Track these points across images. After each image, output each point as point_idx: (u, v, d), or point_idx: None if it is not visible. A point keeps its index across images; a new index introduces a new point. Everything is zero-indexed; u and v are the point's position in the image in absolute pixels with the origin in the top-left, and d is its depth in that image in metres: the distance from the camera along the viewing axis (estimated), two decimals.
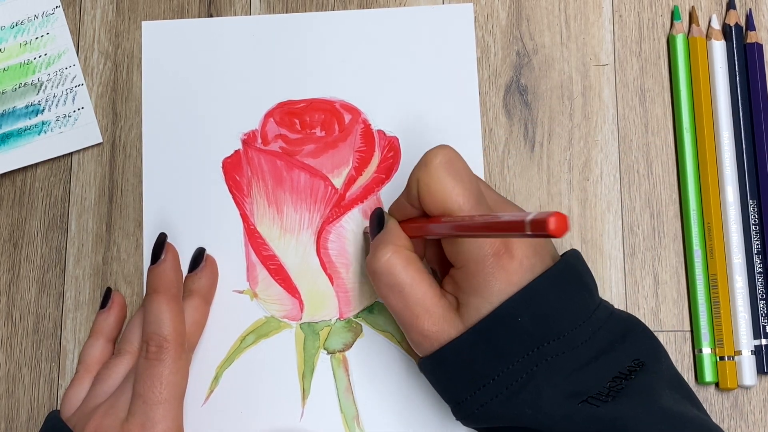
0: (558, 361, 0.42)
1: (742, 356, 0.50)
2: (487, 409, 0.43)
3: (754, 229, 0.52)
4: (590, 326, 0.43)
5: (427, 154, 0.43)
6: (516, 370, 0.42)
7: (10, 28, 0.55)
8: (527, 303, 0.42)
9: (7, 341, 0.53)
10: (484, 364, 0.42)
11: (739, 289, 0.51)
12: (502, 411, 0.42)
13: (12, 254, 0.53)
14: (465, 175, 0.43)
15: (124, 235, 0.53)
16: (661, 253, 0.52)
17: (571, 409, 0.41)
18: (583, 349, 0.42)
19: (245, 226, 0.53)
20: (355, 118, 0.54)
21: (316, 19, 0.55)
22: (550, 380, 0.42)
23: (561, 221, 0.33)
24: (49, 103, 0.54)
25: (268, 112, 0.54)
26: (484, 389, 0.42)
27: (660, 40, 0.55)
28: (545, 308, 0.42)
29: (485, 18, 0.55)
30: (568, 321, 0.43)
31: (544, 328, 0.42)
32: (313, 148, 0.53)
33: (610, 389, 0.42)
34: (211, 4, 0.56)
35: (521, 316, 0.42)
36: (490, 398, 0.42)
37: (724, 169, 0.52)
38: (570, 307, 0.43)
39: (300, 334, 0.52)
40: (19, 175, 0.54)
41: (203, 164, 0.53)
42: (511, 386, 0.42)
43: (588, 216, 0.53)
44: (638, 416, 0.41)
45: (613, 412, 0.41)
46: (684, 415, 0.42)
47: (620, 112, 0.54)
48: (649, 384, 0.42)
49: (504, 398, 0.42)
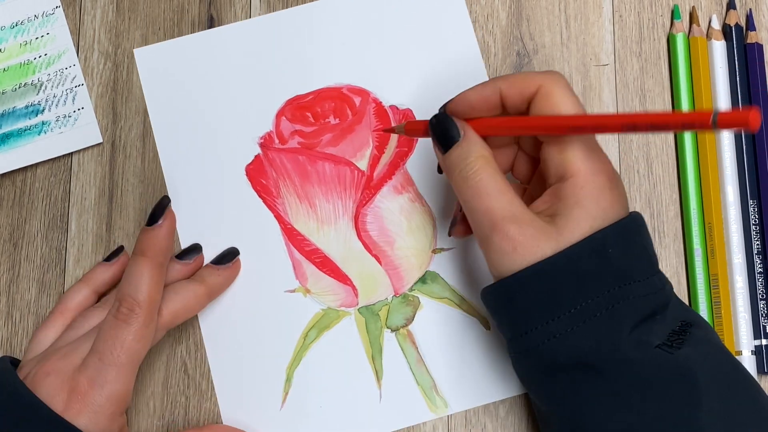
0: (637, 302, 0.41)
1: (742, 356, 0.50)
2: (558, 341, 0.41)
3: (754, 229, 0.52)
4: (659, 279, 0.43)
5: (551, 72, 0.44)
6: (599, 303, 0.41)
7: (10, 28, 0.55)
8: (620, 237, 0.42)
9: (7, 341, 0.53)
10: (566, 292, 0.41)
11: (740, 289, 0.51)
12: (570, 342, 0.41)
13: (12, 254, 0.53)
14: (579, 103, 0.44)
15: (124, 235, 0.53)
16: (661, 253, 0.52)
17: (648, 353, 0.41)
18: (658, 297, 0.42)
19: (282, 227, 0.53)
20: (365, 99, 0.54)
21: (306, 12, 0.55)
22: (631, 319, 0.41)
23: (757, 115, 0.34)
24: (49, 103, 0.54)
25: (279, 111, 0.54)
26: (560, 319, 0.41)
27: (660, 40, 0.55)
28: (632, 248, 0.43)
29: (485, 18, 0.55)
30: (647, 266, 0.43)
31: (630, 266, 0.42)
32: (331, 136, 0.53)
33: (677, 336, 0.42)
34: (211, 4, 0.56)
35: (613, 248, 0.41)
36: (566, 329, 0.41)
37: (724, 169, 0.52)
38: (647, 256, 0.43)
39: (360, 319, 0.52)
40: (19, 175, 0.54)
41: (227, 175, 0.53)
42: (592, 319, 0.41)
43: None
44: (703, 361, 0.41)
45: (685, 359, 0.41)
46: (738, 362, 0.43)
47: (620, 112, 0.54)
48: (705, 336, 0.43)
49: (582, 332, 0.41)
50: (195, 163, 0.53)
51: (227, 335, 0.52)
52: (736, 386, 0.42)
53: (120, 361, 0.44)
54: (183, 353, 0.52)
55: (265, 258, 0.52)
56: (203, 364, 0.52)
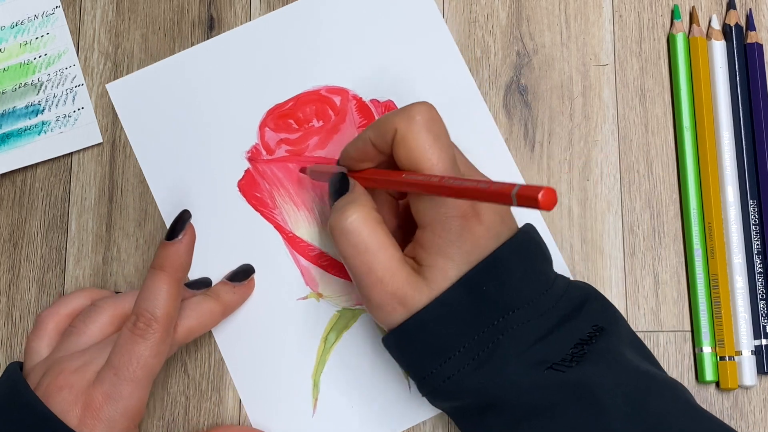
0: (523, 329, 0.42)
1: (742, 356, 0.50)
2: (454, 382, 0.42)
3: (754, 229, 0.52)
4: (552, 295, 0.43)
5: (411, 107, 0.43)
6: (482, 340, 0.42)
7: (10, 28, 0.55)
8: (493, 272, 0.42)
9: (7, 341, 0.53)
10: (450, 335, 0.42)
11: (740, 289, 0.51)
12: (468, 383, 0.42)
13: (12, 254, 0.53)
14: (443, 137, 0.43)
15: (124, 235, 0.53)
16: (661, 253, 0.52)
17: (538, 376, 0.41)
18: (546, 318, 0.42)
19: (284, 237, 0.53)
20: (345, 97, 0.54)
21: (272, 20, 0.55)
22: (516, 349, 0.42)
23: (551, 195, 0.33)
24: (49, 103, 0.54)
25: (262, 123, 0.54)
26: (450, 360, 0.42)
27: (660, 40, 0.55)
28: (510, 277, 0.42)
29: (485, 18, 0.55)
30: (531, 289, 0.43)
31: (509, 296, 0.42)
32: (318, 139, 0.53)
33: (573, 355, 0.42)
34: (211, 4, 0.56)
35: (486, 285, 0.42)
36: (457, 370, 0.42)
37: (724, 169, 0.52)
38: (533, 276, 0.43)
39: None
40: (19, 175, 0.54)
41: (220, 195, 0.53)
42: (478, 356, 0.42)
43: (588, 216, 0.53)
44: (602, 377, 0.41)
45: (578, 376, 0.41)
46: (646, 371, 0.43)
47: (620, 112, 0.54)
48: (609, 346, 0.43)
49: (471, 369, 0.42)
50: (186, 187, 0.53)
51: (247, 351, 0.51)
52: (641, 399, 0.41)
53: (136, 377, 0.44)
54: (183, 353, 0.52)
55: (272, 270, 0.52)
56: (203, 364, 0.52)
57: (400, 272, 0.43)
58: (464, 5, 0.55)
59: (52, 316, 0.48)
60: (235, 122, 0.54)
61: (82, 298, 0.49)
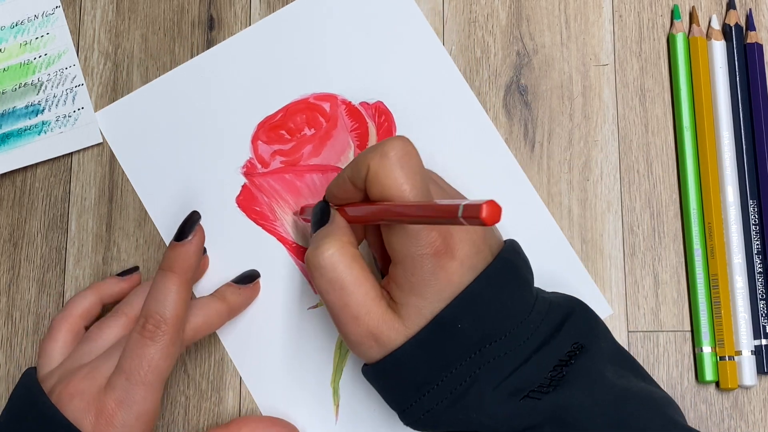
0: (500, 361, 0.42)
1: (742, 356, 0.50)
2: (433, 415, 0.42)
3: (754, 229, 0.52)
4: (531, 322, 0.43)
5: (385, 143, 0.42)
6: (458, 375, 0.42)
7: (10, 28, 0.55)
8: (467, 308, 0.41)
9: (7, 341, 0.53)
10: (426, 371, 0.42)
11: (740, 289, 0.51)
12: (447, 416, 0.42)
13: (12, 254, 0.53)
14: (417, 172, 0.42)
15: (124, 235, 0.53)
16: (661, 253, 0.52)
17: (513, 406, 0.41)
18: (525, 346, 0.42)
19: (287, 248, 0.52)
20: (334, 103, 0.54)
21: (254, 33, 0.55)
22: (493, 381, 0.41)
23: (494, 209, 0.33)
24: (49, 103, 0.54)
25: (254, 137, 0.54)
26: (428, 395, 0.42)
27: (660, 40, 0.55)
28: (485, 311, 0.42)
29: (485, 18, 0.55)
30: (508, 320, 0.42)
31: (485, 330, 0.42)
32: (311, 147, 0.53)
33: (552, 379, 0.41)
34: (211, 4, 0.56)
35: (461, 321, 0.41)
36: (435, 404, 0.42)
37: (724, 169, 0.52)
38: (510, 306, 0.42)
39: None
40: (19, 175, 0.54)
41: (219, 213, 0.53)
42: (455, 391, 0.42)
43: (588, 216, 0.53)
44: (579, 400, 0.41)
45: (555, 401, 0.41)
46: (627, 389, 0.42)
47: (620, 112, 0.54)
48: (589, 365, 0.42)
49: (448, 403, 0.42)
50: (184, 208, 0.53)
51: (263, 366, 0.51)
52: (621, 419, 0.41)
53: (147, 380, 0.44)
54: (183, 353, 0.52)
55: (279, 282, 0.52)
56: (203, 364, 0.52)
57: (376, 309, 0.42)
58: (464, 5, 0.55)
59: (66, 318, 0.48)
60: (227, 139, 0.54)
61: (91, 297, 0.49)
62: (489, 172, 0.53)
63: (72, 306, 0.49)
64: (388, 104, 0.54)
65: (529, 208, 0.52)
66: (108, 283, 0.50)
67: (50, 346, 0.47)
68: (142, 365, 0.44)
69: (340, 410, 0.51)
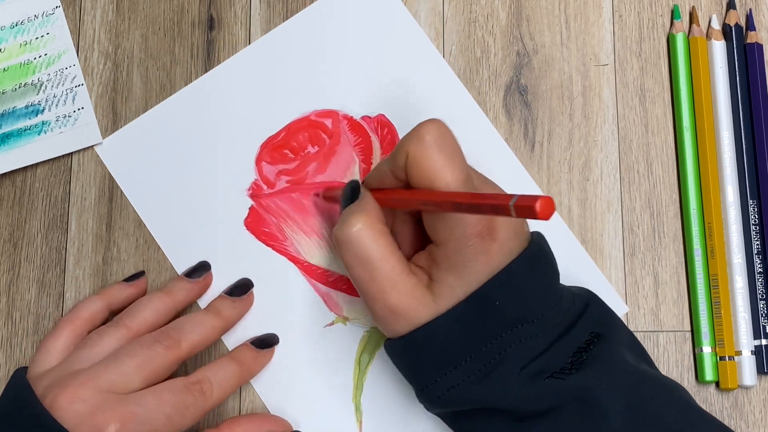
0: (530, 342, 0.42)
1: (742, 356, 0.50)
2: (457, 391, 0.42)
3: (754, 229, 0.52)
4: (561, 308, 0.43)
5: (420, 127, 0.42)
6: (490, 351, 0.42)
7: (10, 28, 0.55)
8: (505, 286, 0.42)
9: (7, 341, 0.53)
10: (459, 346, 0.42)
11: (739, 289, 0.51)
12: (471, 392, 0.42)
13: (12, 254, 0.53)
14: (456, 154, 0.42)
15: (124, 235, 0.53)
16: (661, 253, 0.52)
17: (539, 386, 0.42)
18: (554, 331, 0.43)
19: (299, 267, 0.52)
20: (335, 118, 0.54)
21: (252, 53, 0.55)
22: (521, 361, 0.42)
23: (548, 204, 0.33)
24: (49, 103, 0.54)
25: (258, 158, 0.53)
26: (455, 371, 0.42)
27: (660, 40, 0.55)
28: (521, 291, 0.42)
29: (485, 18, 0.55)
30: (543, 303, 0.43)
31: (520, 310, 0.42)
32: (316, 165, 0.53)
33: (572, 363, 0.42)
34: (211, 4, 0.56)
35: (498, 299, 0.42)
36: (461, 380, 0.42)
37: (724, 169, 0.52)
38: (543, 291, 0.43)
39: None
40: (19, 175, 0.54)
41: (228, 237, 0.52)
42: (484, 368, 0.42)
43: (588, 216, 0.53)
44: (600, 382, 0.42)
45: (577, 382, 0.42)
46: (644, 373, 0.43)
47: (620, 112, 0.54)
48: (607, 351, 0.43)
49: (475, 379, 0.42)
50: (193, 235, 0.53)
51: (283, 386, 0.51)
52: (640, 401, 0.42)
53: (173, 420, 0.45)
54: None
55: (293, 302, 0.52)
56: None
57: (403, 284, 0.42)
58: (464, 5, 0.55)
59: (72, 321, 0.48)
60: (231, 162, 0.53)
61: (99, 302, 0.49)
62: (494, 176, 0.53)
63: (80, 309, 0.49)
64: (389, 116, 0.54)
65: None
66: (115, 289, 0.50)
67: (52, 344, 0.47)
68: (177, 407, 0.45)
69: (363, 427, 0.51)
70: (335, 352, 0.51)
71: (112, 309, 0.50)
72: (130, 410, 0.43)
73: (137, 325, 0.48)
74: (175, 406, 0.44)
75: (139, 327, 0.48)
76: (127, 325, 0.47)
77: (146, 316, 0.48)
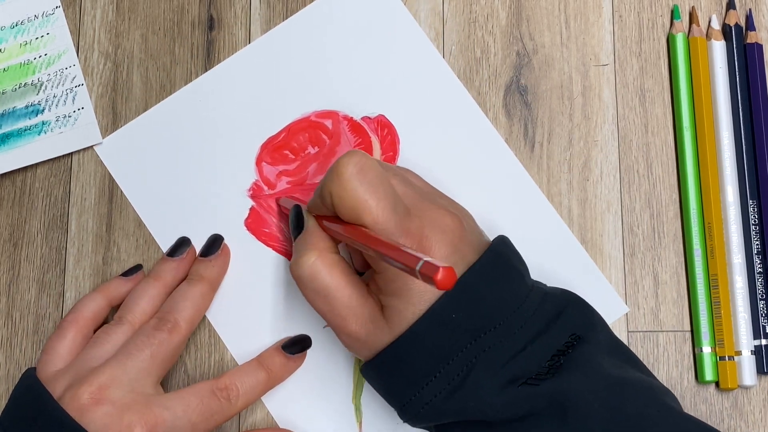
0: (496, 350, 0.42)
1: (742, 356, 0.50)
2: (432, 407, 0.43)
3: (754, 229, 0.52)
4: (525, 311, 0.43)
5: (338, 164, 0.42)
6: (455, 365, 0.42)
7: (10, 28, 0.55)
8: (458, 299, 0.42)
9: (7, 341, 0.53)
10: (423, 364, 0.42)
11: (739, 289, 0.51)
12: (446, 407, 0.42)
13: (12, 254, 0.53)
14: (379, 183, 0.42)
15: (124, 235, 0.53)
16: (661, 253, 0.53)
17: (512, 393, 0.41)
18: (520, 335, 0.43)
19: None
20: (336, 119, 0.54)
21: (251, 53, 0.54)
22: (490, 370, 0.42)
23: (449, 276, 0.34)
24: (49, 103, 0.54)
25: (258, 159, 0.53)
26: (426, 388, 0.42)
27: (660, 40, 0.55)
28: (477, 301, 0.42)
29: (485, 18, 0.55)
30: (502, 309, 0.43)
31: (479, 320, 0.42)
32: (316, 165, 0.53)
33: (549, 367, 0.42)
34: (211, 4, 0.56)
35: (455, 312, 0.42)
36: (433, 396, 0.42)
37: (724, 169, 0.52)
38: (502, 296, 0.43)
39: None
40: (19, 175, 0.54)
41: (228, 237, 0.52)
42: (452, 381, 0.42)
43: (588, 216, 0.53)
44: (577, 386, 0.41)
45: (553, 387, 0.41)
46: (624, 378, 0.43)
47: (620, 112, 0.54)
48: (586, 355, 0.43)
49: (446, 394, 0.42)
50: (194, 236, 0.52)
51: (283, 386, 0.51)
52: (619, 403, 0.41)
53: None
54: (183, 353, 0.52)
55: (293, 302, 0.52)
56: (203, 364, 0.52)
57: (362, 310, 0.43)
58: (464, 5, 0.55)
59: (76, 320, 0.49)
60: (231, 162, 0.53)
61: (99, 299, 0.50)
62: (494, 177, 0.53)
63: (81, 308, 0.49)
64: (389, 117, 0.54)
65: (535, 210, 0.52)
66: (114, 284, 0.51)
67: (59, 344, 0.48)
68: (203, 414, 0.45)
69: (363, 427, 0.51)
70: (334, 352, 0.51)
71: (113, 305, 0.50)
72: (157, 414, 0.44)
73: (138, 318, 0.48)
74: (201, 413, 0.45)
75: (140, 319, 0.48)
76: (129, 320, 0.48)
77: (144, 306, 0.49)
